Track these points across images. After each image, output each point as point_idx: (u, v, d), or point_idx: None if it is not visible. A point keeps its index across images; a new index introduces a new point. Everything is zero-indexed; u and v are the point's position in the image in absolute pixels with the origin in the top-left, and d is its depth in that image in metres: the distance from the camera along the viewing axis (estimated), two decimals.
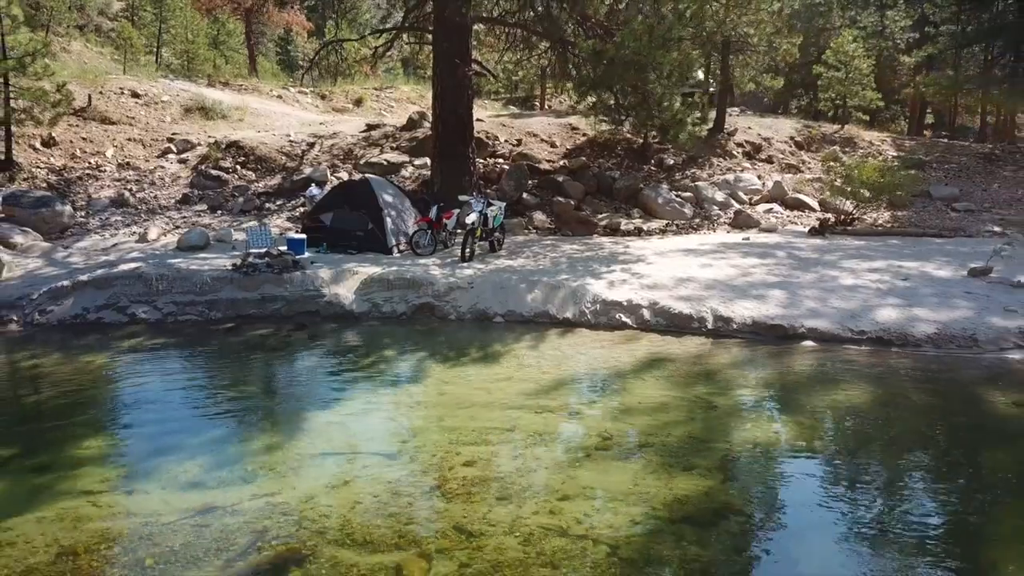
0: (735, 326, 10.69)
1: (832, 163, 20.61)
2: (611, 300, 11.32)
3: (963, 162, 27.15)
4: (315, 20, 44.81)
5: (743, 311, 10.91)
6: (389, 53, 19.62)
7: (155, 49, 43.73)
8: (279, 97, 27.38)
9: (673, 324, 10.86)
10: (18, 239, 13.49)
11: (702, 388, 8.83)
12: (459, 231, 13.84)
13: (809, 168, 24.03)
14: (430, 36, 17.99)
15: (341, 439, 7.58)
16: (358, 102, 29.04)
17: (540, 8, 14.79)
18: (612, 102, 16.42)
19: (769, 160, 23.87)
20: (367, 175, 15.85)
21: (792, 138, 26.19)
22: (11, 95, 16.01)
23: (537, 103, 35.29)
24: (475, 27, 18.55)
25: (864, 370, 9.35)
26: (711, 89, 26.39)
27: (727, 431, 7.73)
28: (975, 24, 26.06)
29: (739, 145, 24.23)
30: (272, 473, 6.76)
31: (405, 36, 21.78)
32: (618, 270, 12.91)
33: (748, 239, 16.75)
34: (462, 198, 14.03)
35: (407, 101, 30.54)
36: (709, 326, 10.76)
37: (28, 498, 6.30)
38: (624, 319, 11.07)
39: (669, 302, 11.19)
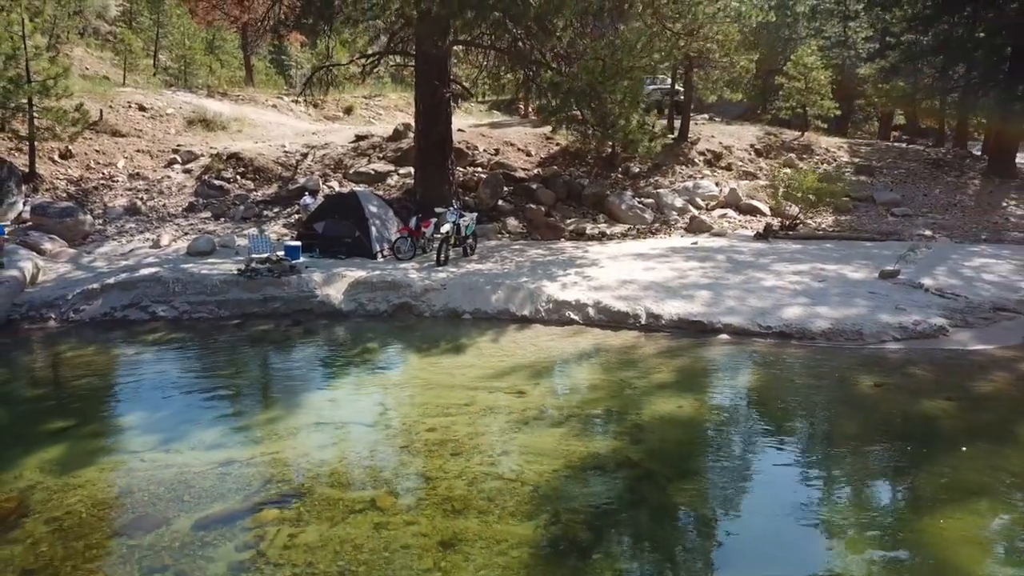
0: (664, 322, 12.66)
1: (778, 172, 22.57)
2: (562, 300, 13.29)
3: (911, 167, 29.19)
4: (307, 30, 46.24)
5: (672, 309, 12.89)
6: (376, 69, 21.43)
7: (153, 53, 45.46)
8: (274, 107, 29.22)
9: (613, 320, 12.83)
10: (47, 245, 15.36)
11: (627, 372, 10.81)
12: (437, 237, 15.76)
13: (765, 175, 26.02)
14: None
15: (330, 412, 9.52)
16: (348, 110, 30.90)
17: (508, 39, 16.65)
18: (579, 117, 18.29)
19: (728, 167, 25.84)
20: (354, 189, 17.72)
21: (752, 146, 28.17)
22: (35, 115, 17.81)
23: (521, 106, 37.16)
24: (455, 47, 20.37)
25: (762, 359, 11.35)
26: (678, 98, 28.27)
27: (639, 406, 9.70)
28: (921, 40, 28.01)
29: (701, 153, 26.20)
30: (276, 437, 8.71)
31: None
32: (572, 273, 14.88)
33: (696, 243, 18.71)
34: (438, 210, 15.97)
35: (395, 108, 32.43)
36: (643, 322, 12.73)
37: (90, 456, 8.23)
38: (572, 316, 13.03)
39: (611, 301, 13.16)
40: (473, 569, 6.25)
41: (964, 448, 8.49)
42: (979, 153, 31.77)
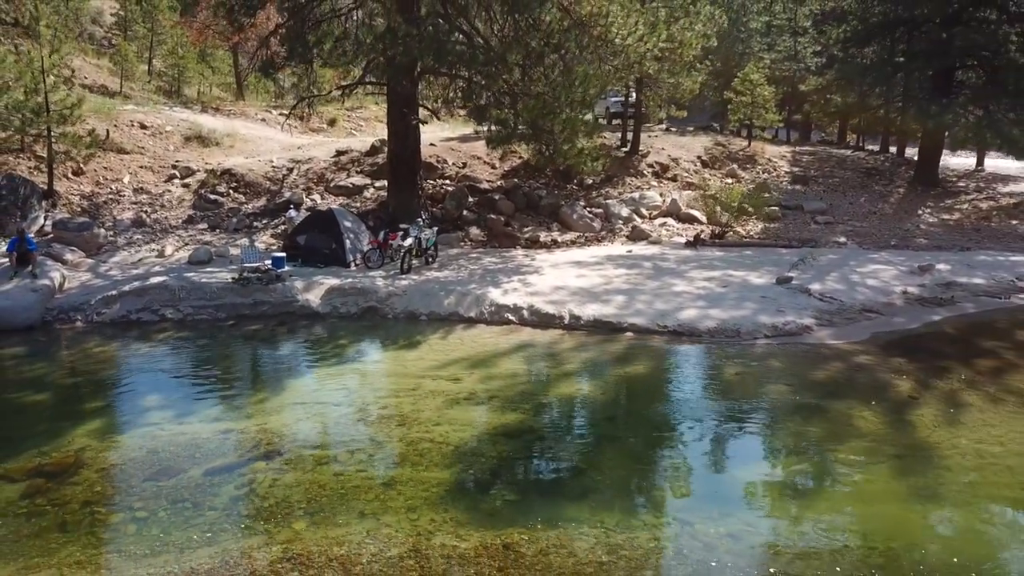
0: (583, 322, 15.45)
1: (708, 187, 25.40)
2: (502, 304, 16.06)
3: (846, 176, 32.05)
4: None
5: (590, 311, 15.68)
6: (355, 91, 24.05)
7: (148, 60, 47.83)
8: (263, 120, 31.81)
9: (542, 321, 15.59)
10: (69, 256, 18.00)
11: (544, 363, 13.60)
12: (402, 247, 18.44)
13: (708, 185, 28.79)
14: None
15: (307, 394, 12.26)
16: (332, 122, 33.53)
17: (464, 77, 19.39)
18: (526, 143, 20.99)
19: (674, 179, 28.62)
20: (332, 207, 20.37)
21: (699, 157, 30.97)
22: (53, 140, 20.42)
23: None
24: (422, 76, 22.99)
25: (653, 353, 14.15)
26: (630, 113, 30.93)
27: (547, 389, 12.49)
28: (855, 59, 30.78)
29: (650, 165, 28.97)
30: (263, 413, 11.46)
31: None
32: (515, 280, 17.64)
33: (631, 251, 21.48)
34: (402, 226, 18.69)
35: (375, 120, 35.06)
36: (566, 322, 15.50)
37: (122, 427, 10.94)
38: (510, 317, 15.80)
39: (541, 305, 15.94)
40: (403, 500, 9.00)
41: (782, 420, 11.34)
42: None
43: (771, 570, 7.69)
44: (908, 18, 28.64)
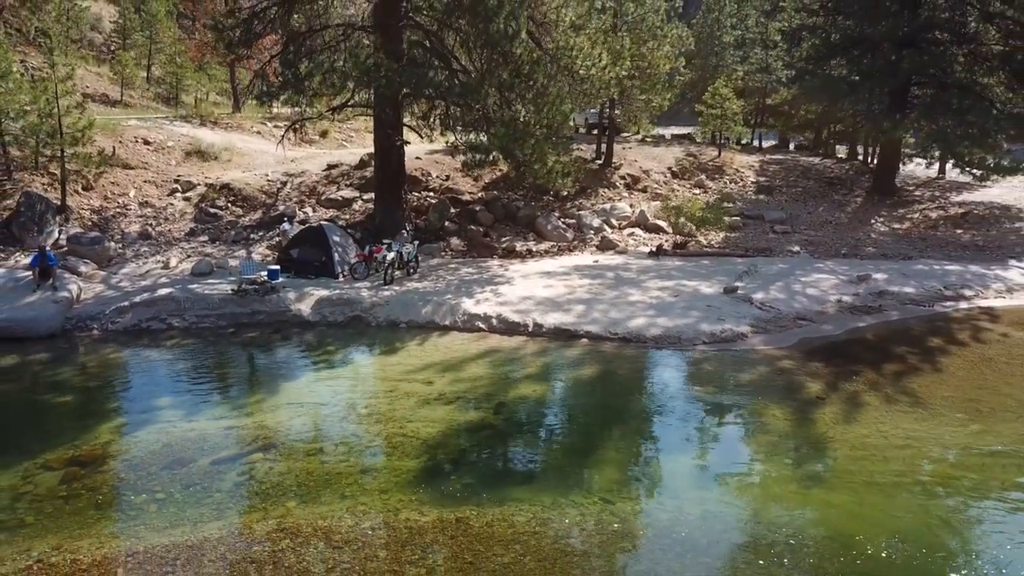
0: (544, 329, 17.37)
1: (670, 202, 27.34)
2: (473, 313, 17.98)
3: (809, 185, 33.99)
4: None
5: (551, 319, 17.61)
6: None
7: (147, 68, 49.58)
8: (258, 133, 33.63)
9: (508, 329, 17.51)
10: (83, 269, 19.84)
11: (507, 367, 15.52)
12: (386, 260, 20.31)
13: (677, 195, 30.73)
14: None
15: (298, 395, 14.17)
16: (323, 134, 35.37)
17: (442, 105, 21.31)
18: (499, 163, 22.87)
19: (644, 190, 30.54)
20: (322, 222, 22.22)
21: (670, 168, 32.90)
22: (66, 160, 22.26)
23: None
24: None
25: (603, 358, 16.08)
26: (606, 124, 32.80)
27: (507, 390, 14.40)
28: (816, 76, 32.65)
29: (622, 177, 30.89)
30: (261, 411, 13.37)
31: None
32: (487, 290, 19.54)
33: (597, 261, 23.39)
34: (386, 240, 20.58)
35: (365, 131, 36.88)
36: (530, 330, 17.43)
37: (139, 424, 12.81)
38: (480, 325, 17.71)
39: (508, 314, 17.86)
40: (377, 484, 10.93)
41: (701, 416, 13.31)
42: None
43: (672, 536, 9.65)
44: (865, 38, 30.53)
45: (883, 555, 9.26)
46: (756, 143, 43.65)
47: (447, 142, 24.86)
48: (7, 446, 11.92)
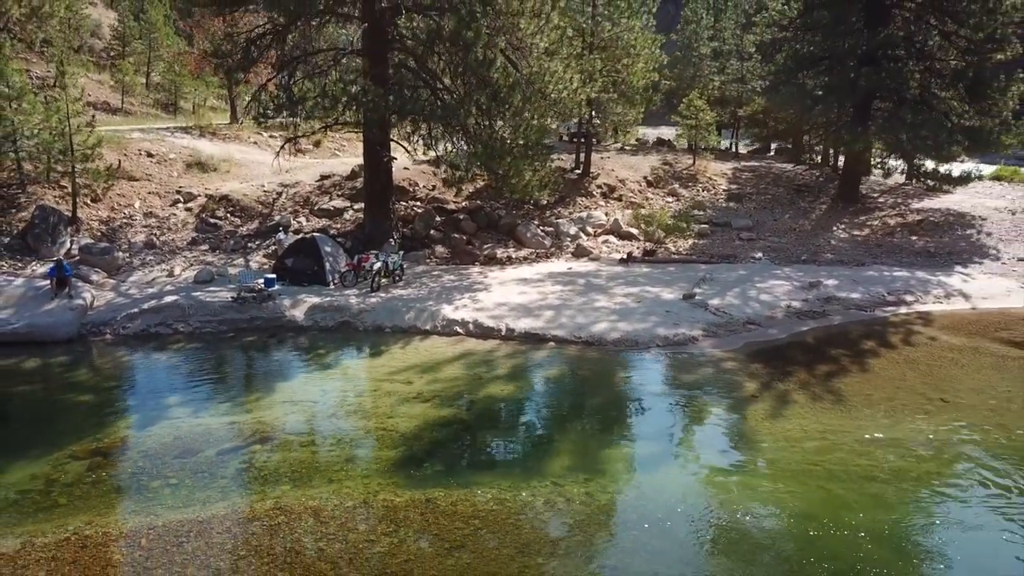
0: (516, 334, 19.18)
1: (639, 212, 29.14)
2: (452, 318, 19.78)
3: (778, 193, 35.81)
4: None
5: (523, 324, 19.43)
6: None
7: (146, 74, 51.28)
8: (255, 143, 35.35)
9: (483, 333, 19.31)
10: (95, 277, 21.59)
11: (480, 369, 17.33)
12: (373, 269, 22.07)
13: (650, 204, 32.54)
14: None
15: (293, 394, 15.96)
16: (317, 143, 37.09)
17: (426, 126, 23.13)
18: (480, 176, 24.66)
19: (620, 199, 32.35)
20: (314, 234, 23.97)
21: (646, 177, 34.70)
22: (76, 175, 24.00)
23: None
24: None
25: (567, 360, 17.88)
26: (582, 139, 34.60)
27: (479, 389, 16.20)
28: (786, 88, 34.45)
29: (599, 187, 32.68)
30: (259, 409, 15.17)
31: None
32: (466, 297, 21.33)
33: (571, 268, 25.19)
34: (373, 252, 22.37)
35: (357, 140, 38.45)
36: (503, 334, 19.23)
37: (152, 420, 14.59)
38: (458, 330, 19.51)
39: (484, 319, 19.67)
40: (360, 470, 12.74)
41: (646, 412, 15.15)
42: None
43: (609, 513, 11.50)
44: (830, 54, 32.32)
45: (783, 527, 11.12)
46: (733, 148, 45.56)
47: (435, 154, 26.59)
48: (38, 439, 13.70)
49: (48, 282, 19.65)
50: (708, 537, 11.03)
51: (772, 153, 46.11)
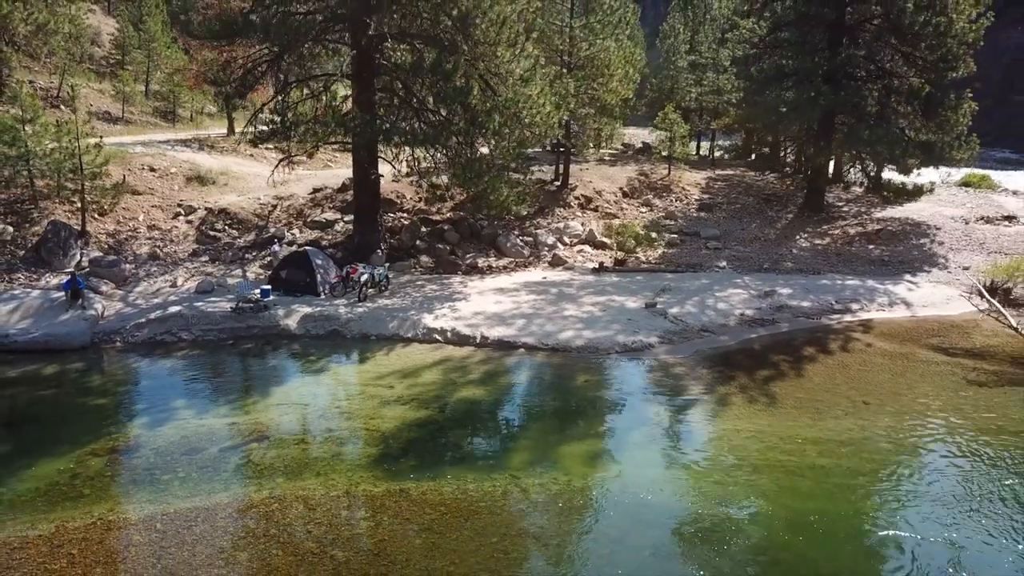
0: (490, 341, 21.12)
1: (613, 225, 31.09)
2: (432, 327, 21.71)
3: (748, 202, 37.77)
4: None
5: (496, 332, 21.37)
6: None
7: (145, 82, 53.03)
8: (251, 155, 37.20)
9: (460, 340, 21.24)
10: (104, 288, 23.47)
11: (455, 374, 19.27)
12: (361, 281, 23.97)
13: (625, 214, 34.48)
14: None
15: (286, 397, 17.88)
16: (310, 155, 38.87)
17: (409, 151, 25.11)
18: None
19: (596, 209, 34.28)
20: (306, 248, 25.85)
21: (621, 188, 36.65)
22: (85, 192, 25.87)
23: None
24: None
25: (534, 365, 19.82)
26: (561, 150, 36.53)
27: (453, 392, 18.14)
28: (754, 104, 36.43)
29: (576, 198, 34.62)
30: (256, 411, 17.10)
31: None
32: (446, 307, 23.26)
33: (545, 278, 27.11)
34: (359, 264, 24.28)
35: (349, 152, 40.42)
36: (477, 341, 21.16)
37: (159, 422, 16.49)
38: (437, 337, 21.44)
39: (461, 327, 21.60)
40: (344, 465, 14.68)
41: (600, 412, 17.12)
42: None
43: (558, 503, 13.46)
44: (796, 71, 34.26)
45: (707, 513, 13.12)
46: (710, 156, 47.59)
47: (417, 176, 28.47)
48: (61, 438, 15.60)
49: (63, 294, 21.50)
50: (640, 519, 12.99)
51: (753, 157, 47.97)
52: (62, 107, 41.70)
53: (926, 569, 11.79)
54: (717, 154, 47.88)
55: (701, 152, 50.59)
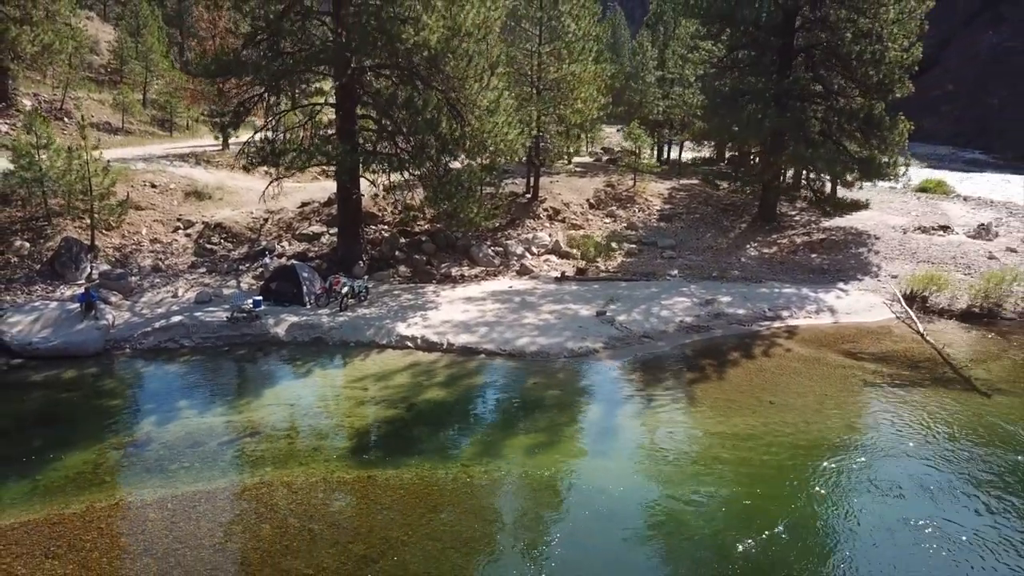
0: (455, 347, 24.05)
1: (577, 236, 34.03)
2: (404, 334, 24.64)
3: (706, 212, 40.71)
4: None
5: (461, 339, 24.31)
6: None
7: (143, 91, 55.71)
8: (244, 168, 39.92)
9: (428, 347, 24.18)
10: (113, 299, 26.32)
11: (422, 377, 22.21)
12: (342, 293, 26.86)
13: (590, 224, 37.39)
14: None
15: (275, 398, 20.80)
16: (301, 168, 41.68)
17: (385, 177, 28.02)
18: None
19: (563, 220, 37.18)
20: (293, 262, 28.74)
21: (588, 200, 39.55)
22: (94, 211, 28.70)
23: None
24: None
25: (491, 368, 22.76)
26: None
27: (420, 393, 21.07)
28: (712, 119, 39.31)
29: (545, 210, 37.51)
30: (249, 410, 20.03)
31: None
32: (418, 316, 26.19)
33: (511, 287, 30.03)
34: (341, 275, 27.18)
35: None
36: (444, 348, 24.10)
37: (166, 420, 19.40)
38: (408, 344, 24.36)
39: (430, 335, 24.55)
40: (323, 456, 17.64)
41: (541, 410, 20.11)
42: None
43: (500, 488, 16.45)
44: (749, 91, 37.16)
45: (617, 494, 16.12)
46: (677, 163, 50.59)
47: (395, 198, 31.29)
48: (83, 435, 18.49)
49: (79, 306, 24.37)
50: (567, 500, 15.97)
51: (725, 163, 50.85)
52: (65, 119, 44.63)
53: (797, 539, 14.80)
54: (686, 158, 50.94)
55: (671, 157, 53.58)
